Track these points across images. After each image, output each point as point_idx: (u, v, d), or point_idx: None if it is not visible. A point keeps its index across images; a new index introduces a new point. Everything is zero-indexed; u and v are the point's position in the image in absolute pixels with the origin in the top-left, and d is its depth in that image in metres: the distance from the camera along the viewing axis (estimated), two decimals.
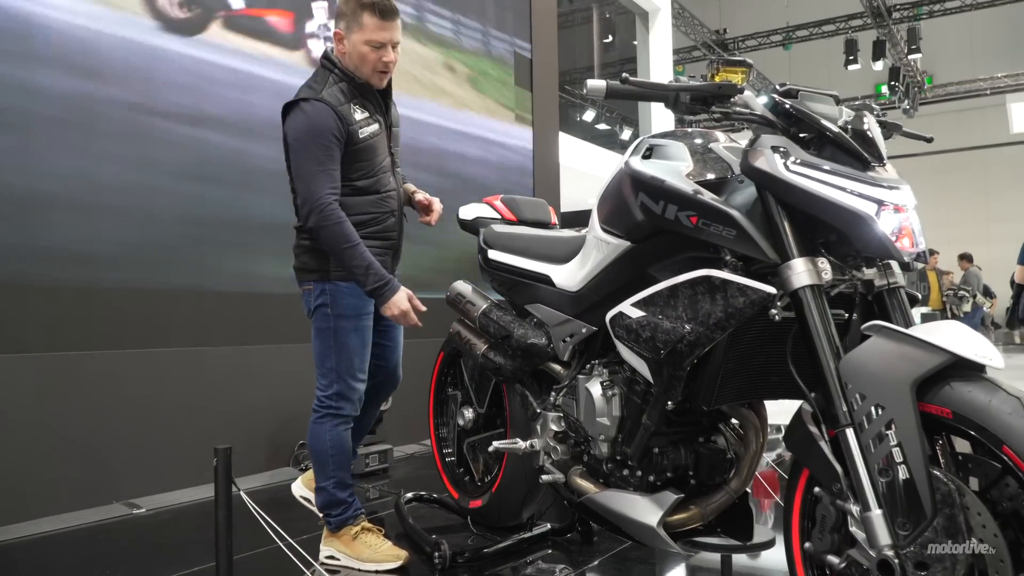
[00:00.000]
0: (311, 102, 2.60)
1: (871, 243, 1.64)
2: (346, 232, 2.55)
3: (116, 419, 3.64)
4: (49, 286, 3.46)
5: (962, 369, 1.49)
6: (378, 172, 2.74)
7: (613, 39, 15.60)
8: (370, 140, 2.69)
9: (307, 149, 2.57)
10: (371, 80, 2.69)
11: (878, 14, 17.47)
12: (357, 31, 2.62)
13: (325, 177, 2.56)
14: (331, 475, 2.75)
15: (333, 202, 2.56)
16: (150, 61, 3.83)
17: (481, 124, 6.11)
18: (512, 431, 2.82)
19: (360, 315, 2.73)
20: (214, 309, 4.11)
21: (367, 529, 2.79)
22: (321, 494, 2.78)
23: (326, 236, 2.56)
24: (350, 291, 2.69)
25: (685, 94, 1.83)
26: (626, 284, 2.16)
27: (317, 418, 2.74)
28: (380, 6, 2.60)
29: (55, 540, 3.17)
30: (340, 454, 2.75)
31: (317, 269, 2.71)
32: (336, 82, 2.67)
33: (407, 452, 4.85)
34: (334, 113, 2.58)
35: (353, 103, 2.66)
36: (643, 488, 2.17)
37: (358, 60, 2.65)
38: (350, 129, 2.62)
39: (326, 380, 2.73)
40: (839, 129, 1.75)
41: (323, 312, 2.71)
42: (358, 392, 2.75)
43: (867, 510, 1.52)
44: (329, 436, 2.72)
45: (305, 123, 2.58)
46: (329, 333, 2.71)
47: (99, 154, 3.63)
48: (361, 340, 2.74)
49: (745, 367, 1.96)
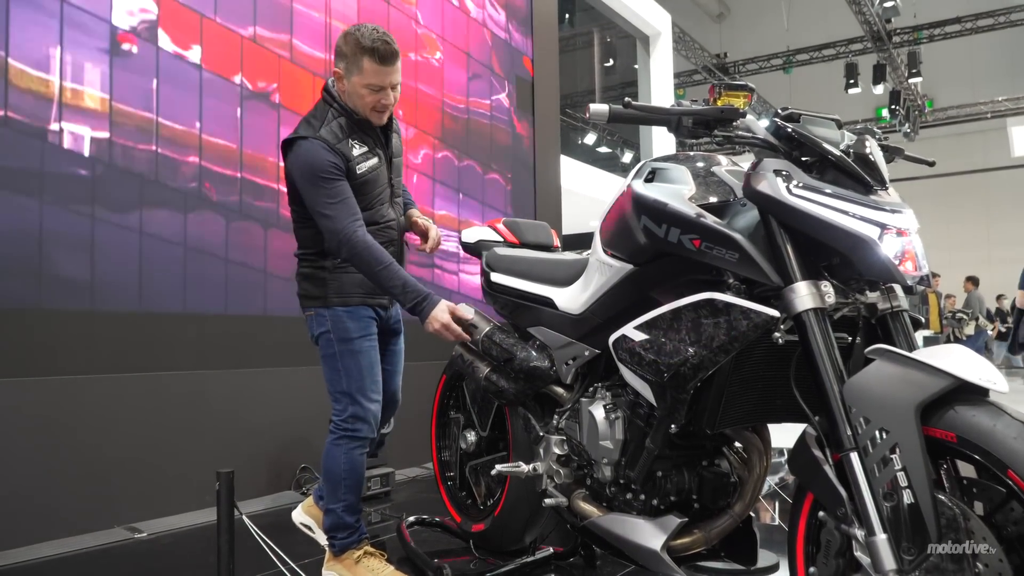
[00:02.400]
0: (308, 140, 2.62)
1: (874, 267, 1.65)
2: (377, 256, 2.56)
3: (117, 443, 3.63)
4: (50, 310, 3.47)
5: (966, 393, 1.49)
6: (376, 203, 2.77)
7: (614, 63, 15.71)
8: (368, 176, 2.72)
9: (317, 187, 2.59)
10: (370, 118, 2.72)
11: (878, 38, 17.59)
12: (357, 74, 2.63)
13: (344, 208, 2.58)
14: (342, 498, 2.74)
15: (358, 229, 2.57)
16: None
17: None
18: (515, 454, 2.81)
19: (363, 336, 2.74)
20: (215, 332, 4.11)
21: (369, 553, 2.77)
22: (329, 516, 2.77)
23: (359, 263, 2.58)
24: (350, 315, 2.72)
25: (688, 118, 1.84)
26: (629, 307, 2.16)
27: (334, 439, 2.74)
28: (380, 52, 2.60)
29: (56, 565, 3.15)
30: (352, 478, 2.74)
31: (318, 296, 2.74)
32: (335, 117, 2.69)
33: (409, 475, 4.83)
34: (332, 150, 2.61)
35: (352, 139, 2.69)
36: (646, 512, 2.16)
37: (357, 100, 2.67)
38: (348, 166, 2.65)
39: (340, 404, 2.73)
40: (841, 153, 1.76)
41: (327, 338, 2.74)
42: (373, 412, 2.75)
43: (872, 534, 1.51)
44: (345, 459, 2.72)
45: (306, 162, 2.61)
46: (335, 358, 2.72)
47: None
48: (368, 361, 2.75)
49: (749, 390, 1.96)
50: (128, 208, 3.75)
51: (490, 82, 6.30)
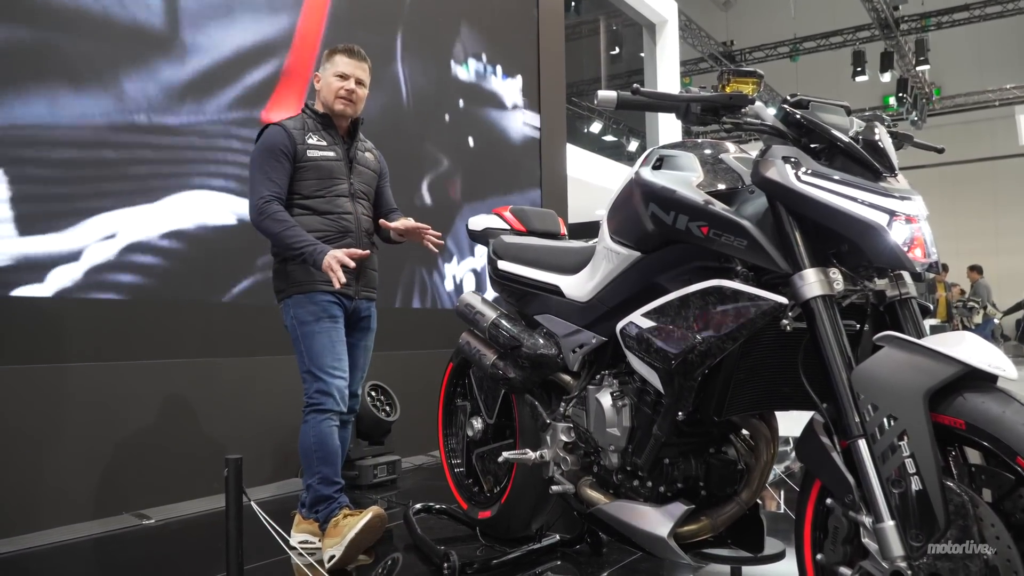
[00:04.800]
0: (271, 125, 3.00)
1: (883, 253, 1.64)
2: (282, 218, 2.85)
3: (125, 430, 3.65)
4: (58, 298, 3.48)
5: (975, 380, 1.48)
6: (331, 195, 3.00)
7: (620, 51, 15.63)
8: (319, 160, 3.00)
9: (256, 163, 2.94)
10: (335, 106, 3.04)
11: (886, 25, 17.49)
12: (330, 68, 3.05)
13: (267, 183, 2.89)
14: (316, 471, 2.86)
15: (271, 200, 2.87)
16: None
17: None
18: (521, 442, 2.81)
19: (320, 319, 2.93)
20: (223, 320, 4.12)
21: (346, 516, 2.81)
22: (309, 492, 2.90)
23: (268, 228, 2.85)
24: (308, 299, 2.93)
25: (696, 104, 1.84)
26: (636, 294, 2.16)
27: (304, 417, 2.90)
28: (349, 48, 3.07)
29: (65, 551, 3.17)
30: (323, 450, 2.86)
31: (283, 288, 2.99)
32: (304, 117, 3.07)
33: (415, 463, 4.84)
34: (285, 132, 2.95)
35: (312, 132, 3.03)
36: (653, 499, 2.16)
37: (326, 90, 3.05)
38: (298, 148, 2.96)
39: (307, 384, 2.92)
40: (850, 139, 1.75)
41: (291, 324, 2.96)
42: (335, 386, 2.89)
43: (880, 521, 1.51)
44: (313, 432, 2.86)
45: (260, 143, 2.97)
46: (299, 340, 2.93)
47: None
48: (328, 339, 2.93)
49: (756, 377, 1.95)
50: (135, 195, 3.75)
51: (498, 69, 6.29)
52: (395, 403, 4.39)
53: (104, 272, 3.65)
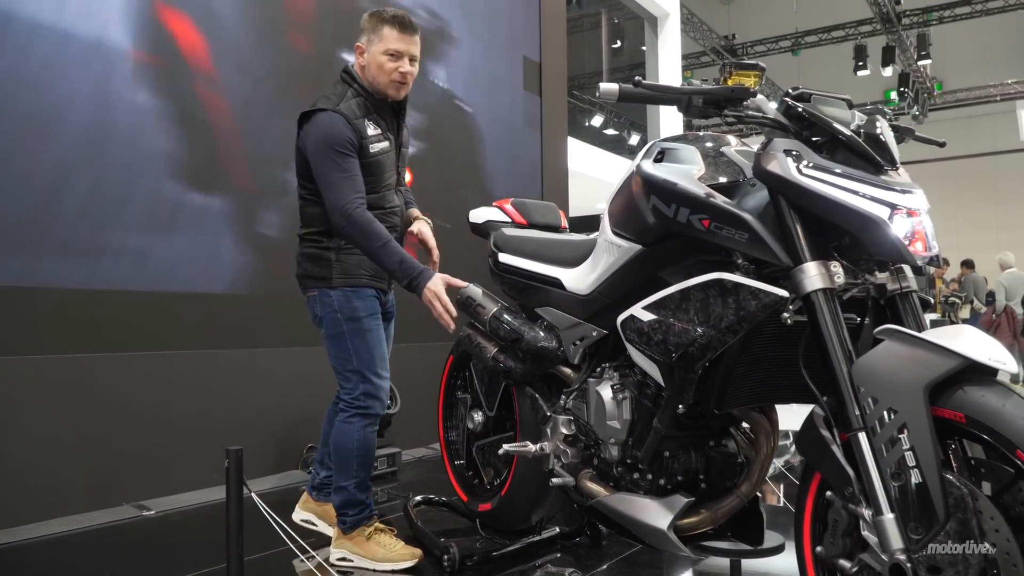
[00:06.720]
0: (328, 112, 2.66)
1: (884, 247, 1.64)
2: (376, 231, 2.60)
3: (126, 421, 3.65)
4: (59, 288, 3.47)
5: (975, 373, 1.49)
6: (383, 188, 2.79)
7: (622, 44, 15.62)
8: (379, 157, 2.75)
9: (329, 158, 2.62)
10: (387, 91, 2.76)
11: (888, 20, 17.46)
12: (377, 42, 2.72)
13: (350, 183, 2.62)
14: (354, 475, 2.76)
15: (360, 205, 2.61)
16: None
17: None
18: (522, 434, 2.82)
19: (370, 315, 2.77)
20: (224, 311, 4.12)
21: (380, 530, 2.79)
22: (340, 494, 2.79)
23: (359, 239, 2.61)
24: (356, 295, 2.75)
25: (698, 97, 1.83)
26: (637, 287, 2.16)
27: (346, 417, 2.75)
28: (400, 20, 2.72)
29: (65, 542, 3.18)
30: (365, 455, 2.76)
31: (322, 277, 2.76)
32: (354, 96, 2.74)
33: (416, 455, 4.85)
34: (349, 125, 2.64)
35: (368, 119, 2.73)
36: (653, 492, 2.17)
37: (376, 70, 2.73)
38: (362, 142, 2.69)
39: (350, 383, 2.75)
40: (852, 133, 1.75)
41: (333, 318, 2.75)
42: (384, 389, 2.78)
43: (879, 514, 1.52)
44: (357, 436, 2.74)
45: (323, 133, 2.64)
46: (344, 337, 2.74)
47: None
48: (376, 338, 2.78)
49: (757, 371, 1.95)
50: (136, 188, 3.76)
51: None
52: (396, 396, 4.40)
53: (102, 262, 3.64)
